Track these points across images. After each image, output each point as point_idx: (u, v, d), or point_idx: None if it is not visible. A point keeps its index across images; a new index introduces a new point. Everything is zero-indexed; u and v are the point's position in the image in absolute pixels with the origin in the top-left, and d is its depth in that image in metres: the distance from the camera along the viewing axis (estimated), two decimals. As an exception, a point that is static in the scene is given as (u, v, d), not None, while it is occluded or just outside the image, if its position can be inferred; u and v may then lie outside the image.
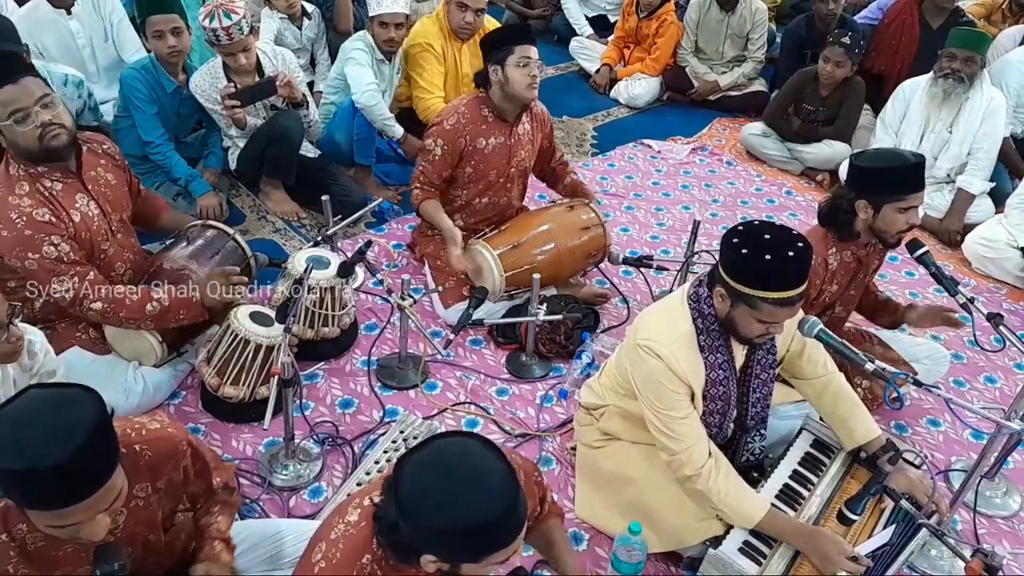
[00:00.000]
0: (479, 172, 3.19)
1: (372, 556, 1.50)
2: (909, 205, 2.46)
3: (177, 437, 1.73)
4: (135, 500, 1.67)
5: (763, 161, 4.71)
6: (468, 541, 1.38)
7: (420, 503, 1.36)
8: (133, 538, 1.70)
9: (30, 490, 1.38)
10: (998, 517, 2.61)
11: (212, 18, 3.32)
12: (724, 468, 2.11)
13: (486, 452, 1.43)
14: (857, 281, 2.71)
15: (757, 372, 2.23)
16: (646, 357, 2.10)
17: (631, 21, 5.37)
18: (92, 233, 2.49)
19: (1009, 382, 3.19)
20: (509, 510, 1.37)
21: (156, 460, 1.68)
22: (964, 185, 4.02)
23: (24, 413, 1.40)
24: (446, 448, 1.43)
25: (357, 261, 2.80)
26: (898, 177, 2.45)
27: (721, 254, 2.04)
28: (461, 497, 1.35)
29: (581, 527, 2.46)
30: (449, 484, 1.37)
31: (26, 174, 2.37)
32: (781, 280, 1.93)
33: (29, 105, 2.28)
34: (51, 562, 1.59)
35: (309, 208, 3.83)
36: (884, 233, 2.52)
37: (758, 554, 2.08)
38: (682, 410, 2.10)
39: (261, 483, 2.51)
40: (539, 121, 3.32)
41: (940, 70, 3.92)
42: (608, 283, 3.50)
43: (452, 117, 3.13)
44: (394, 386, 2.90)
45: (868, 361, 2.05)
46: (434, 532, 1.37)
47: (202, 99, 3.58)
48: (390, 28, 3.83)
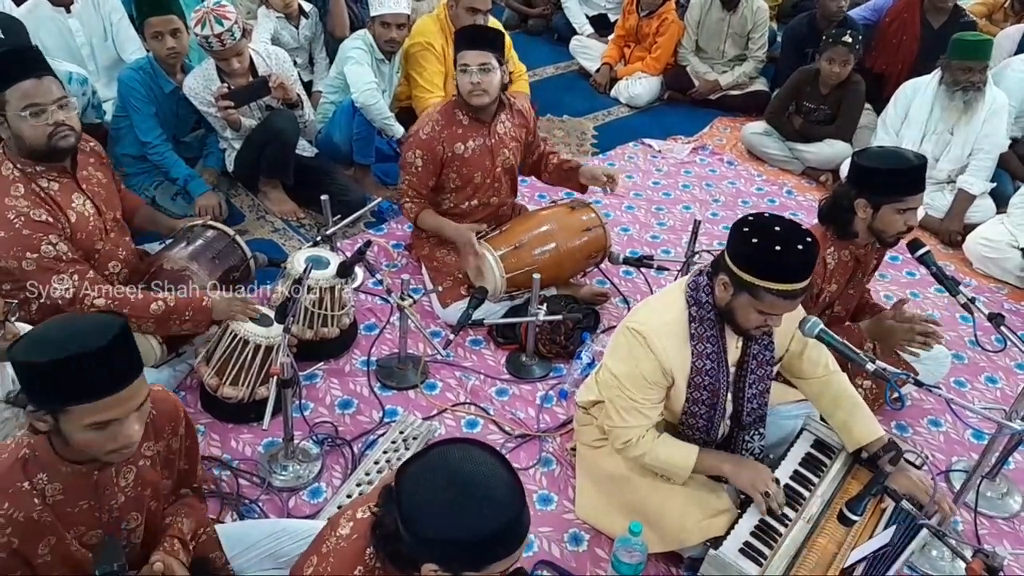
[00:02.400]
0: (464, 177, 3.18)
1: (364, 568, 1.49)
2: (908, 207, 2.46)
3: (177, 402, 1.82)
4: (143, 459, 1.73)
5: (764, 161, 4.70)
6: (472, 551, 1.36)
7: (423, 513, 1.35)
8: (139, 500, 1.74)
9: (77, 379, 1.46)
10: (999, 517, 2.60)
11: (204, 25, 3.30)
12: (656, 433, 2.22)
13: (490, 460, 1.41)
14: (855, 280, 2.70)
15: (753, 367, 2.23)
16: (632, 339, 2.13)
17: (631, 20, 5.36)
18: (88, 232, 2.49)
19: (1010, 382, 3.18)
20: (514, 521, 1.36)
21: (160, 419, 1.75)
22: (965, 186, 4.01)
23: (55, 325, 1.53)
24: (449, 456, 1.41)
25: (356, 261, 2.79)
26: (899, 178, 2.44)
27: (730, 242, 2.05)
28: (466, 507, 1.34)
29: (581, 527, 2.46)
30: (454, 494, 1.35)
31: (21, 175, 2.37)
32: (788, 272, 1.95)
33: (47, 103, 2.31)
34: (66, 520, 1.63)
35: (308, 208, 3.83)
36: (882, 233, 2.52)
37: (758, 555, 2.07)
38: (644, 397, 2.16)
39: (260, 484, 2.50)
40: (522, 116, 3.29)
41: (957, 83, 3.87)
42: (608, 283, 3.50)
43: (427, 126, 3.11)
44: (394, 386, 2.90)
45: (869, 361, 2.05)
46: (438, 543, 1.35)
47: (195, 101, 3.56)
48: (392, 28, 3.83)
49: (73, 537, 1.65)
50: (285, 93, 3.55)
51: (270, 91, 3.51)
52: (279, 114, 3.61)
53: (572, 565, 2.36)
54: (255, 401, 2.63)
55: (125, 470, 1.69)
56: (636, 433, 2.19)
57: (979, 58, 3.83)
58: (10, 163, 2.38)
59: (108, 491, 1.67)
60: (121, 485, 1.69)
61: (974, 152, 3.99)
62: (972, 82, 3.86)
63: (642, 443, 2.19)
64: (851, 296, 2.74)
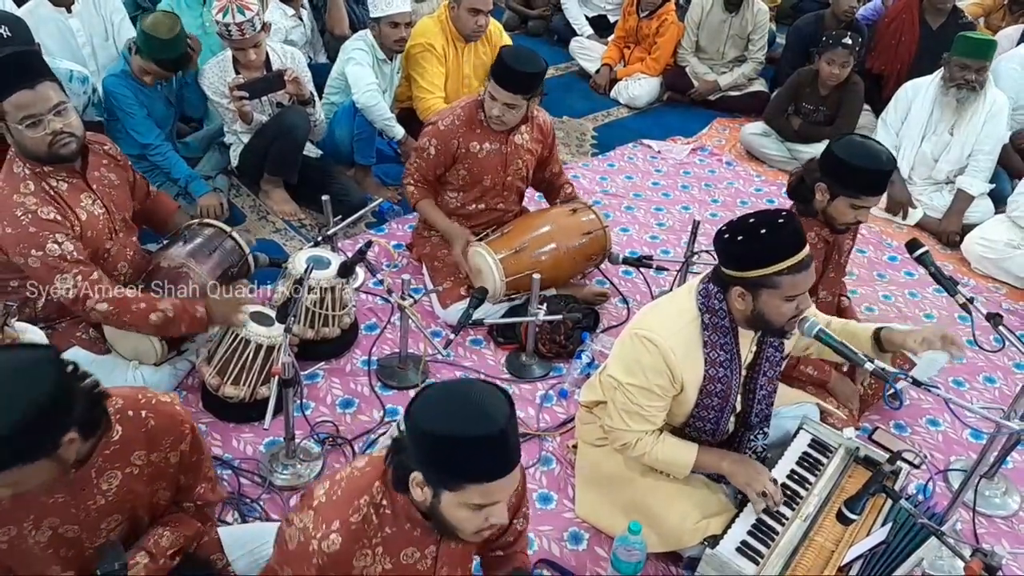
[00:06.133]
0: (474, 176, 3.19)
1: (370, 498, 1.59)
2: (862, 205, 2.52)
3: (183, 417, 1.77)
4: (131, 467, 1.69)
5: (763, 161, 4.71)
6: (450, 454, 1.45)
7: (420, 410, 1.48)
8: (122, 505, 1.72)
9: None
10: (997, 517, 2.61)
11: (226, 13, 3.35)
12: (656, 433, 2.22)
13: (497, 394, 1.52)
14: (833, 262, 2.74)
15: (765, 369, 2.24)
16: (641, 347, 2.12)
17: (631, 21, 5.37)
18: (97, 232, 2.50)
19: (1008, 382, 3.19)
20: (497, 437, 1.44)
21: (157, 430, 1.71)
22: (964, 186, 4.02)
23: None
24: (468, 381, 1.58)
25: (357, 261, 2.80)
26: (862, 177, 2.48)
27: (721, 256, 2.07)
28: (458, 411, 1.46)
29: (581, 527, 2.46)
30: (453, 400, 1.49)
31: (32, 173, 2.38)
32: (785, 246, 1.97)
33: (43, 112, 2.27)
34: (39, 509, 1.62)
35: (309, 208, 3.84)
36: (832, 220, 2.58)
37: (756, 554, 2.08)
38: (650, 404, 2.16)
39: (262, 483, 2.51)
40: (541, 132, 3.29)
41: (952, 80, 3.90)
42: (608, 283, 3.50)
43: (448, 118, 3.13)
44: (394, 386, 2.91)
45: (867, 360, 2.06)
46: (425, 437, 1.46)
47: (209, 91, 3.62)
48: (401, 27, 3.84)
49: (47, 527, 1.63)
50: (299, 88, 3.57)
51: (285, 85, 3.53)
52: (292, 110, 3.63)
53: (572, 564, 2.37)
54: (256, 401, 2.64)
55: (108, 474, 1.66)
56: (637, 437, 2.20)
57: (978, 57, 3.84)
58: (20, 161, 2.38)
59: (85, 490, 1.64)
60: (102, 488, 1.66)
61: (973, 153, 4.00)
62: (968, 80, 3.86)
63: (641, 444, 2.20)
64: (833, 279, 2.78)
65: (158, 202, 2.94)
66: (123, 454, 1.66)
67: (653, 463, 2.23)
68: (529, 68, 2.93)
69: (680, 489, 2.26)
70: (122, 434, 1.65)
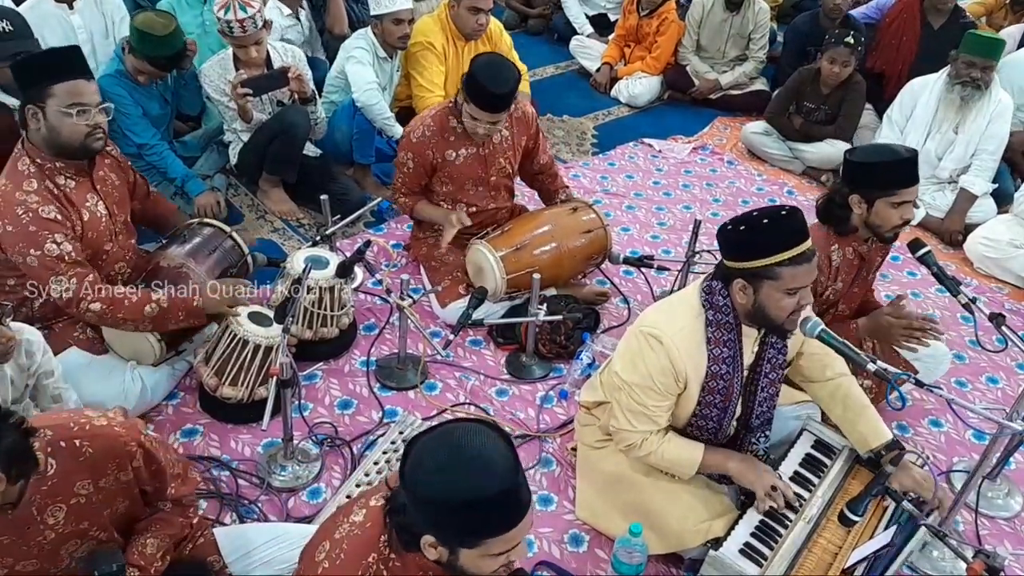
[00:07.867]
0: (456, 183, 3.18)
1: (378, 555, 1.51)
2: (902, 200, 2.47)
3: (124, 437, 1.69)
4: (76, 497, 1.65)
5: (764, 160, 4.69)
6: (464, 518, 1.40)
7: (421, 473, 1.41)
8: (78, 532, 1.68)
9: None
10: (1000, 518, 2.60)
11: (228, 9, 3.35)
12: (662, 433, 2.20)
13: (496, 438, 1.45)
14: (860, 278, 2.70)
15: (767, 371, 2.23)
16: (646, 344, 2.12)
17: (632, 19, 5.35)
18: (98, 233, 2.49)
19: (1011, 382, 3.17)
20: (508, 493, 1.40)
21: (97, 458, 1.65)
22: (967, 185, 4.01)
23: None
24: (456, 430, 1.46)
25: (356, 261, 2.79)
26: (890, 171, 2.45)
27: (723, 248, 2.07)
28: (462, 471, 1.39)
29: (581, 528, 2.45)
30: (453, 460, 1.41)
31: (38, 171, 2.37)
32: (787, 236, 1.97)
33: (92, 104, 2.36)
34: None
35: (308, 207, 3.82)
36: (879, 228, 2.53)
37: (759, 555, 2.07)
38: (655, 404, 2.15)
39: (260, 484, 2.50)
40: (522, 124, 3.26)
41: (958, 76, 3.89)
42: (609, 283, 3.49)
43: (418, 130, 3.11)
44: (393, 387, 2.89)
45: (870, 361, 2.05)
46: (432, 504, 1.40)
47: (210, 89, 3.61)
48: (404, 24, 3.83)
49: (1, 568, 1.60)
50: (301, 86, 3.56)
51: (288, 82, 3.52)
52: (293, 108, 3.62)
53: (572, 566, 2.35)
54: (254, 401, 2.63)
55: (53, 508, 1.62)
56: (643, 437, 2.18)
57: (985, 56, 3.83)
58: (27, 158, 2.38)
59: (31, 528, 1.61)
60: (48, 523, 1.63)
61: (977, 152, 3.99)
62: (973, 78, 3.85)
63: (647, 444, 2.19)
64: (855, 295, 2.74)
65: (158, 202, 2.95)
66: (63, 487, 1.62)
67: (659, 463, 2.22)
68: (509, 87, 2.92)
69: (681, 490, 2.25)
70: (57, 467, 1.60)
